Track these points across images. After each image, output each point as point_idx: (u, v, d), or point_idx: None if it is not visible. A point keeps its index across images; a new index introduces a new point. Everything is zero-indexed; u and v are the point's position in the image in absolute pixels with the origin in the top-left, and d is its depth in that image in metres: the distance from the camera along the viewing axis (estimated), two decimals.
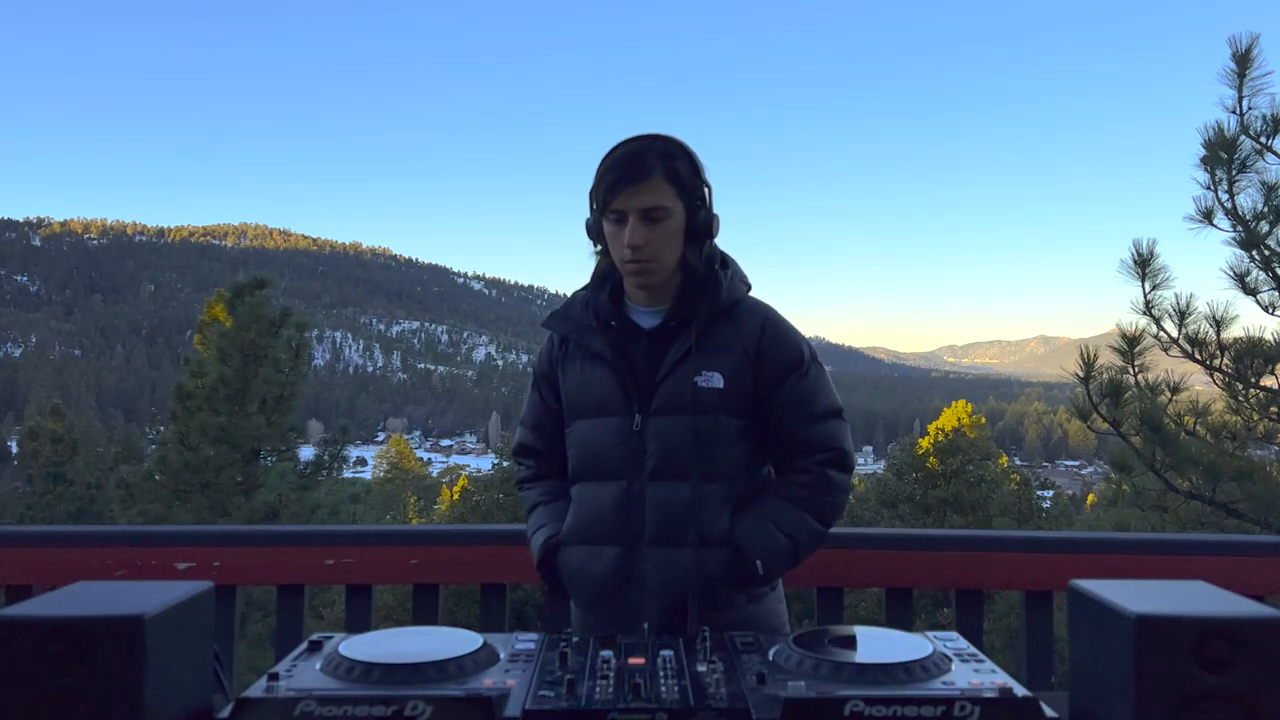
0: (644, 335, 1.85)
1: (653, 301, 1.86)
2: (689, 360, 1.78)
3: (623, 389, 1.82)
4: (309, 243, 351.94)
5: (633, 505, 1.80)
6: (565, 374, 1.92)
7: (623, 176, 1.74)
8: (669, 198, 1.76)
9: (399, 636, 1.25)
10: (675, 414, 1.78)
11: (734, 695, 1.07)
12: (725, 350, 1.81)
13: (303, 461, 16.09)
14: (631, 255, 1.76)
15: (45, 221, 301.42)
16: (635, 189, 1.74)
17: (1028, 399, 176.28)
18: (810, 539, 1.84)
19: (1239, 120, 5.95)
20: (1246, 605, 1.09)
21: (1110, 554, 2.30)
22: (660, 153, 1.77)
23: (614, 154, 1.79)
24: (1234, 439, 6.30)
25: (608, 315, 1.86)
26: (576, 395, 1.89)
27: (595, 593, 1.84)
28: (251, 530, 2.53)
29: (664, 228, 1.76)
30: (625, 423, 1.81)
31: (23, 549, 2.30)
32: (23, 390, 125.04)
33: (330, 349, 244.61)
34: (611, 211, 1.76)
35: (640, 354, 1.83)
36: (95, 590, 1.13)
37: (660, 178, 1.75)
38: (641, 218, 1.74)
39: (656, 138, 1.80)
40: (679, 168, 1.78)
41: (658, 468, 1.79)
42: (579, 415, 1.89)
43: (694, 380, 1.77)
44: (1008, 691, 1.03)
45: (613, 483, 1.82)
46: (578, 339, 1.89)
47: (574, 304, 1.93)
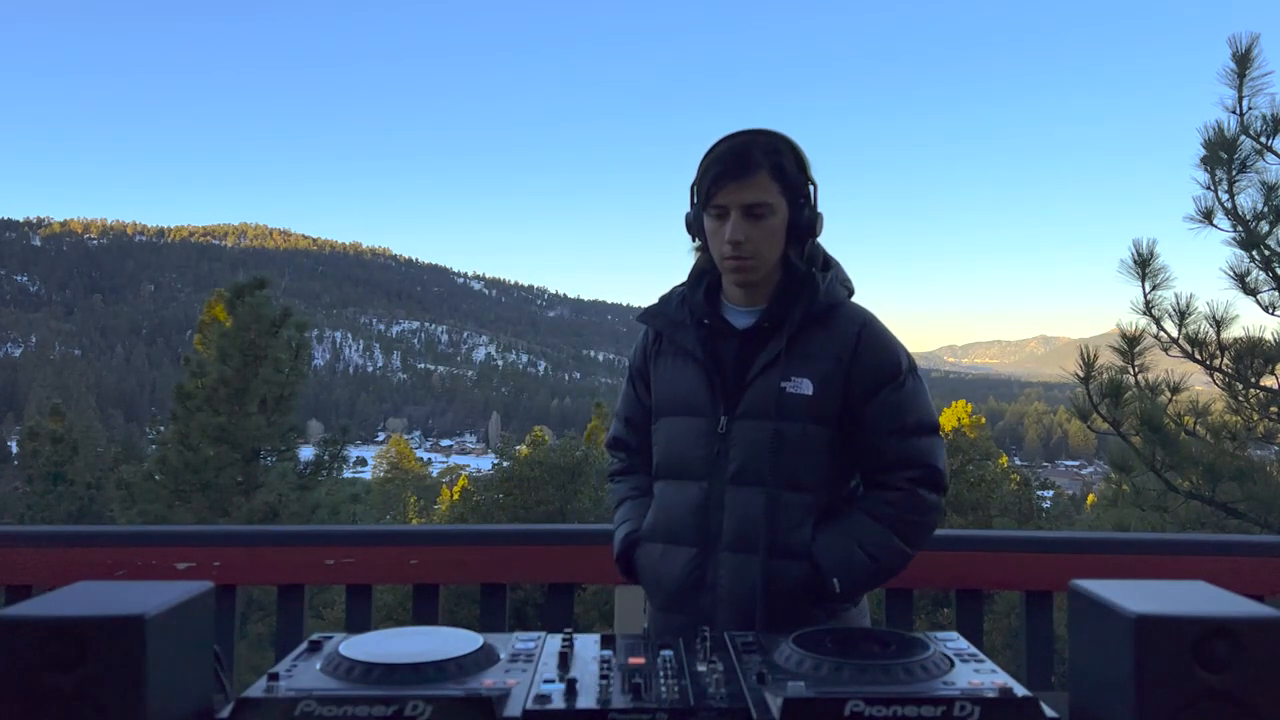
0: (736, 335, 1.81)
1: (749, 301, 1.82)
2: (779, 364, 1.75)
3: (710, 389, 1.79)
4: (309, 243, 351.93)
5: (711, 508, 1.78)
6: (656, 369, 1.90)
7: (727, 171, 1.72)
8: (773, 194, 1.73)
9: (399, 636, 1.25)
10: (760, 419, 1.75)
11: (734, 695, 1.07)
12: (818, 356, 1.77)
13: (303, 461, 16.10)
14: (731, 251, 1.73)
15: (45, 221, 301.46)
16: (739, 184, 1.71)
17: (1028, 399, 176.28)
18: (894, 559, 1.76)
19: (1239, 120, 5.95)
20: (1246, 605, 1.09)
21: (1110, 554, 2.30)
22: (766, 148, 1.74)
23: (719, 148, 1.76)
24: (1234, 439, 6.30)
25: (701, 313, 1.84)
26: (665, 392, 1.88)
27: (669, 593, 1.82)
28: (251, 530, 2.53)
29: (766, 225, 1.74)
30: (710, 424, 1.79)
31: (23, 549, 2.30)
32: (23, 390, 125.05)
33: (330, 349, 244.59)
34: (713, 206, 1.74)
35: (731, 354, 1.80)
36: (95, 590, 1.13)
37: (765, 174, 1.72)
38: (744, 214, 1.72)
39: (762, 132, 1.77)
40: (785, 164, 1.75)
41: (738, 472, 1.76)
42: (666, 412, 1.88)
43: (781, 385, 1.74)
44: (1008, 691, 1.03)
45: (694, 484, 1.80)
46: (670, 335, 1.87)
47: (670, 299, 1.90)
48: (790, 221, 1.76)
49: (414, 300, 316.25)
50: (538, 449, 25.18)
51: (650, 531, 1.87)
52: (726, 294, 1.86)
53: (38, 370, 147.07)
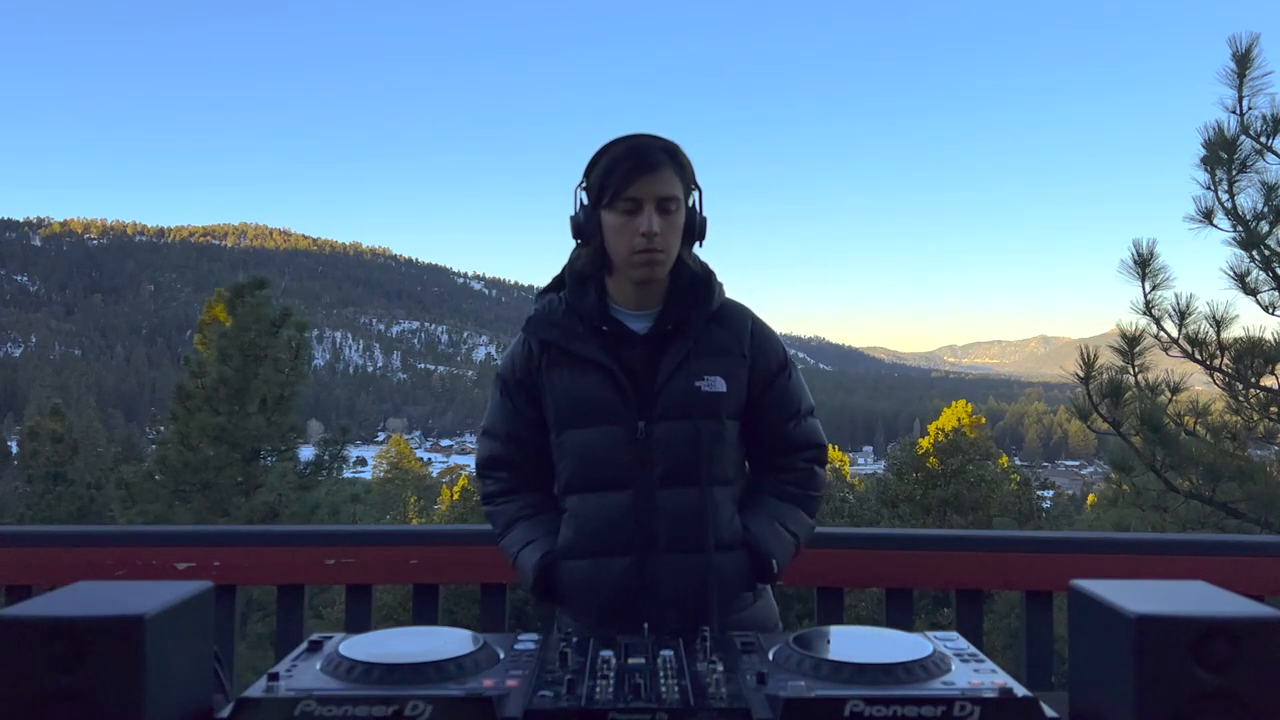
0: (638, 339, 1.81)
1: (640, 305, 1.82)
2: (689, 364, 1.77)
3: (621, 395, 1.77)
4: (309, 243, 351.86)
5: (643, 513, 1.76)
6: (551, 381, 1.83)
7: (639, 165, 1.72)
8: (679, 190, 1.76)
9: (399, 636, 1.25)
10: (679, 419, 1.76)
11: (734, 695, 1.07)
12: (723, 354, 1.81)
13: (303, 461, 16.08)
14: (646, 244, 1.72)
15: (45, 221, 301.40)
16: (652, 177, 1.72)
17: (1028, 399, 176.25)
18: (807, 534, 1.89)
19: (1239, 120, 5.95)
20: (1246, 605, 1.09)
21: (1110, 554, 2.30)
22: (666, 147, 1.77)
23: (619, 146, 1.77)
24: (1234, 439, 6.30)
25: (598, 319, 1.81)
26: (567, 404, 1.82)
27: (607, 605, 1.78)
28: (251, 530, 2.53)
29: (674, 220, 1.75)
30: (627, 430, 1.77)
31: (23, 549, 2.30)
32: (23, 390, 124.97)
33: (330, 349, 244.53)
34: (625, 200, 1.72)
35: (636, 358, 1.79)
36: (95, 590, 1.13)
37: (671, 170, 1.75)
38: (657, 207, 1.73)
39: (656, 135, 1.79)
40: (683, 163, 1.78)
41: (667, 474, 1.76)
42: (571, 424, 1.82)
43: (696, 384, 1.76)
44: (1008, 691, 1.03)
45: (619, 492, 1.78)
46: (565, 345, 1.81)
47: (552, 309, 1.86)
48: (685, 222, 1.79)
49: (414, 300, 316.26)
50: None
51: (572, 548, 1.80)
52: (615, 299, 1.84)
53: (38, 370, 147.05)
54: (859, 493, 23.02)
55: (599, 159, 1.78)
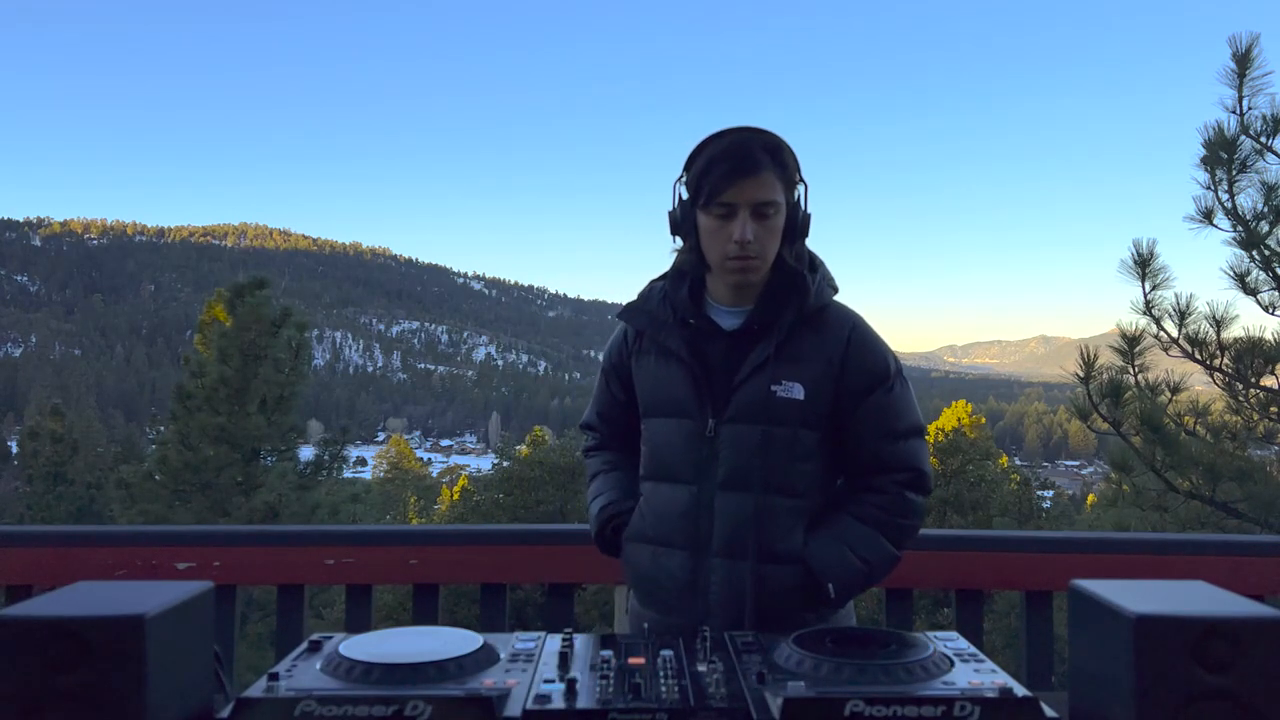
0: (723, 336, 1.77)
1: (737, 301, 1.78)
2: (768, 367, 1.71)
3: (697, 391, 1.75)
4: (309, 243, 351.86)
5: (701, 513, 1.74)
6: (639, 369, 1.85)
7: (737, 168, 1.66)
8: (778, 193, 1.69)
9: (399, 636, 1.25)
10: (750, 422, 1.71)
11: (734, 695, 1.07)
12: (808, 359, 1.74)
13: (303, 461, 16.09)
14: (739, 251, 1.67)
15: (45, 221, 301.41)
16: (749, 181, 1.66)
17: (1028, 399, 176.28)
18: (884, 563, 1.76)
19: (1239, 120, 5.95)
20: (1246, 605, 1.09)
21: (1110, 554, 2.30)
22: (768, 146, 1.70)
23: (719, 143, 1.70)
24: (1234, 439, 6.30)
25: (687, 312, 1.78)
26: (650, 393, 1.84)
27: (663, 595, 1.79)
28: (251, 530, 2.53)
29: (772, 224, 1.69)
30: (698, 427, 1.75)
31: (23, 549, 2.30)
32: (23, 390, 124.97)
33: (330, 349, 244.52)
34: (719, 204, 1.67)
35: (718, 356, 1.76)
36: (95, 590, 1.13)
37: (770, 172, 1.68)
38: (753, 213, 1.67)
39: (760, 130, 1.72)
40: (786, 162, 1.71)
41: (728, 477, 1.73)
42: (652, 413, 1.84)
43: (771, 388, 1.71)
44: (1008, 691, 1.03)
45: (683, 487, 1.77)
46: (653, 334, 1.81)
47: (651, 296, 1.84)
48: (787, 222, 1.73)
49: (414, 300, 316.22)
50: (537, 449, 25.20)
51: (639, 533, 1.84)
52: (712, 294, 1.81)
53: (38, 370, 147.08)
54: None
55: (698, 155, 1.72)
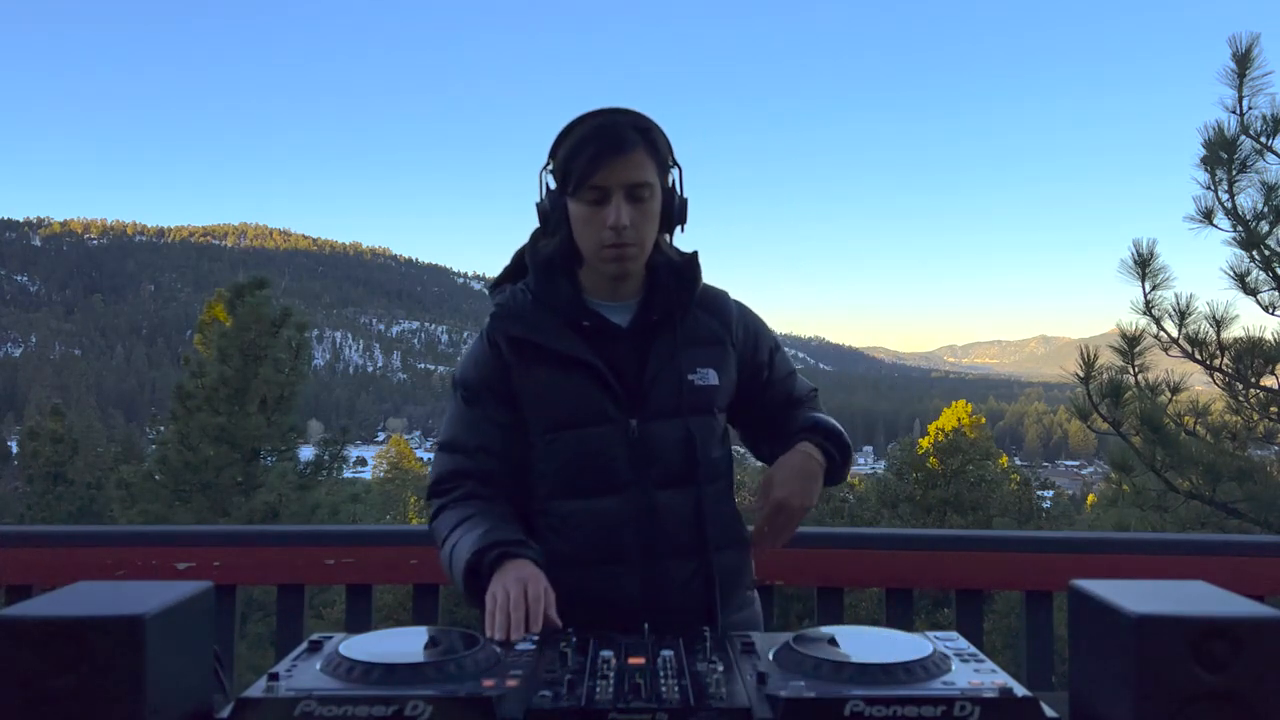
0: (621, 333, 1.67)
1: (619, 295, 1.69)
2: (677, 357, 1.66)
3: (610, 394, 1.64)
4: (309, 243, 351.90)
5: (642, 517, 1.64)
6: (525, 382, 1.67)
7: (607, 148, 1.55)
8: (652, 174, 1.60)
9: (399, 636, 1.25)
10: (671, 416, 1.65)
11: (734, 695, 1.06)
12: (711, 343, 1.71)
13: (303, 461, 16.08)
14: (614, 238, 1.57)
15: (45, 221, 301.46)
16: (620, 162, 1.56)
17: (1028, 399, 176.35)
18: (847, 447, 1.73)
19: (1239, 120, 5.96)
20: (1246, 605, 1.09)
21: (1110, 554, 2.30)
22: (638, 125, 1.60)
23: (585, 125, 1.60)
24: (1234, 439, 6.31)
25: (577, 313, 1.67)
26: (550, 406, 1.67)
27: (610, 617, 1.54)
28: (251, 530, 2.53)
29: (648, 208, 1.60)
30: (619, 430, 1.64)
31: (23, 549, 2.30)
32: (23, 390, 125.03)
33: (330, 349, 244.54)
34: (591, 188, 1.57)
35: (620, 354, 1.66)
36: (95, 590, 1.13)
37: (642, 151, 1.58)
38: (626, 195, 1.57)
39: (628, 111, 1.62)
40: (657, 142, 1.62)
41: (665, 475, 1.65)
42: (559, 427, 1.67)
43: (688, 378, 1.66)
44: (1008, 691, 1.03)
45: (613, 497, 1.65)
46: (541, 341, 1.66)
47: (518, 302, 1.70)
48: (662, 205, 1.64)
49: (414, 300, 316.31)
50: None
51: (566, 557, 1.63)
52: (589, 291, 1.70)
53: (38, 370, 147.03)
54: (859, 493, 23.01)
55: (563, 140, 1.61)
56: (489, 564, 1.51)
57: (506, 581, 1.45)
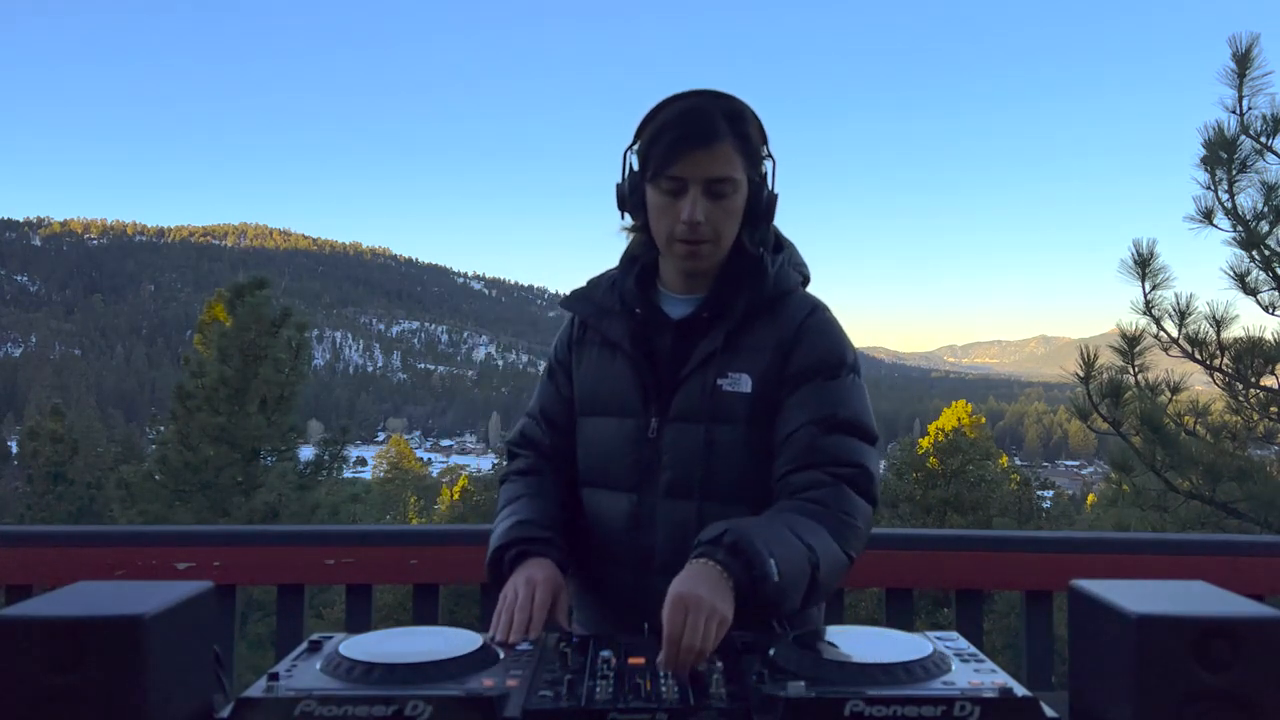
0: (671, 326, 1.59)
1: (689, 288, 1.61)
2: (716, 359, 1.53)
3: (640, 387, 1.57)
4: (309, 243, 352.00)
5: (643, 524, 1.55)
6: (579, 361, 1.67)
7: (689, 136, 1.46)
8: (738, 169, 1.49)
9: (399, 636, 1.25)
10: (693, 421, 1.53)
11: (734, 695, 1.07)
12: (759, 349, 1.54)
13: (303, 461, 16.10)
14: (688, 233, 1.49)
15: (45, 221, 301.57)
16: (703, 153, 1.46)
17: (1028, 399, 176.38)
18: (831, 560, 1.39)
19: (1239, 120, 5.96)
20: (1246, 605, 1.09)
21: (1110, 554, 2.29)
22: (730, 114, 1.50)
23: (672, 108, 1.51)
24: (1234, 439, 6.31)
25: (633, 300, 1.61)
26: (588, 388, 1.65)
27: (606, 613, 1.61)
28: (251, 530, 2.53)
29: (729, 204, 1.50)
30: (639, 427, 1.57)
31: (23, 549, 2.30)
32: (23, 390, 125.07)
33: (330, 349, 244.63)
34: (668, 178, 1.48)
35: (665, 348, 1.58)
36: (95, 590, 1.13)
37: (729, 144, 1.48)
38: (705, 190, 1.47)
39: (723, 95, 1.52)
40: (749, 133, 1.52)
41: (672, 483, 1.54)
42: (589, 411, 1.65)
43: (718, 382, 1.52)
44: (1008, 691, 1.03)
45: (623, 495, 1.58)
46: (596, 323, 1.64)
47: (598, 284, 1.68)
48: (749, 201, 1.54)
49: (414, 300, 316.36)
50: None
51: (584, 550, 1.63)
52: (663, 280, 1.64)
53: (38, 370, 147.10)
54: None
55: (648, 121, 1.53)
56: (509, 561, 1.50)
57: (518, 581, 1.44)
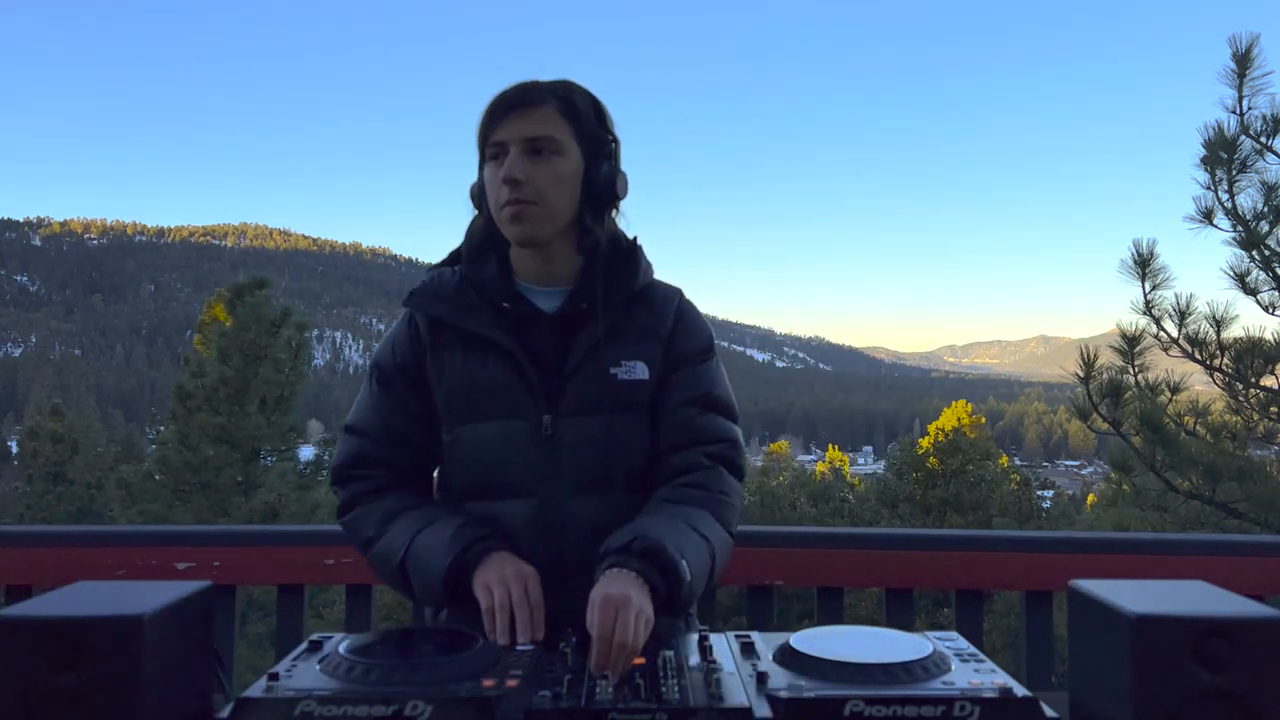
0: (545, 319, 1.54)
1: (550, 280, 1.56)
2: (601, 349, 1.51)
3: (525, 385, 1.50)
4: (309, 243, 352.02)
5: (550, 527, 1.49)
6: (441, 367, 1.55)
7: (508, 101, 1.47)
8: (561, 131, 1.48)
9: (399, 637, 1.25)
10: (593, 414, 1.50)
11: (734, 695, 1.06)
12: (645, 337, 1.55)
13: (303, 461, 16.11)
14: (510, 194, 1.44)
15: (45, 221, 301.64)
16: (520, 115, 1.46)
17: (1028, 399, 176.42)
18: (721, 544, 1.47)
19: (1239, 120, 5.96)
20: (1246, 605, 1.09)
21: (1110, 554, 2.29)
22: (555, 88, 1.51)
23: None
24: (1234, 439, 6.31)
25: (498, 294, 1.54)
26: (461, 393, 1.54)
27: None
28: (251, 530, 2.53)
29: (553, 165, 1.47)
30: (532, 426, 1.50)
31: (23, 549, 2.30)
32: (23, 390, 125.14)
33: (330, 349, 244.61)
34: (492, 145, 1.48)
35: (544, 341, 1.52)
36: (95, 590, 1.13)
37: (552, 107, 1.48)
38: (525, 149, 1.45)
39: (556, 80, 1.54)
40: (577, 104, 1.51)
41: (579, 480, 1.50)
42: (466, 418, 1.54)
43: (611, 371, 1.51)
44: (1008, 691, 1.03)
45: (521, 500, 1.51)
46: (458, 323, 1.53)
47: (443, 281, 1.58)
48: (586, 176, 1.51)
49: None
50: None
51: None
52: (520, 272, 1.58)
53: (38, 370, 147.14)
54: (859, 493, 23.03)
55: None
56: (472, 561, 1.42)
57: (504, 575, 1.37)
